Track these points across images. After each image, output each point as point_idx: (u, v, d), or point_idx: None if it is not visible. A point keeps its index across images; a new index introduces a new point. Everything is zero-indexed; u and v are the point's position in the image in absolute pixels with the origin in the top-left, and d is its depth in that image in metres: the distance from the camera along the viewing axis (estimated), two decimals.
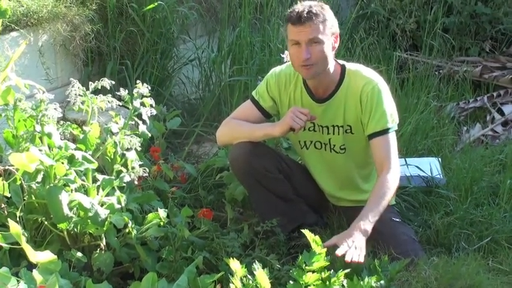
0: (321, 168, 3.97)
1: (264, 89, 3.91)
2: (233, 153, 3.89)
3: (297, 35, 3.58)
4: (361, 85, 3.71)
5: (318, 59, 3.59)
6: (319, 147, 3.89)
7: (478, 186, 4.43)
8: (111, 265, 3.37)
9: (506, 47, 7.36)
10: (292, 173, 3.99)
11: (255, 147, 3.84)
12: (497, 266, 3.68)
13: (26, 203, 3.32)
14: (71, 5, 4.93)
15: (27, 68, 4.62)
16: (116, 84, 3.86)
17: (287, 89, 3.86)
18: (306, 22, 3.54)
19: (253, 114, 3.91)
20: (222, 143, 4.05)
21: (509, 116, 5.98)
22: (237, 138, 3.87)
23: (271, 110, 3.91)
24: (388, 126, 3.66)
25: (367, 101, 3.67)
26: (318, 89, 3.79)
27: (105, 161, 3.73)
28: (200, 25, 6.15)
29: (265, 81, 3.93)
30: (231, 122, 3.94)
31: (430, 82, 6.20)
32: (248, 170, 3.85)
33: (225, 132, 3.94)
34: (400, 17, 7.45)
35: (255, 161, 3.83)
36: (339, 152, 3.84)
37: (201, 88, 5.92)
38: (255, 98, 3.93)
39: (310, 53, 3.56)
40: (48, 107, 3.37)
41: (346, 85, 3.75)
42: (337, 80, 3.76)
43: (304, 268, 3.03)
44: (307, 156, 3.99)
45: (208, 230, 3.80)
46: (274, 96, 3.89)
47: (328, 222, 4.08)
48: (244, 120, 3.89)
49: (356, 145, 3.81)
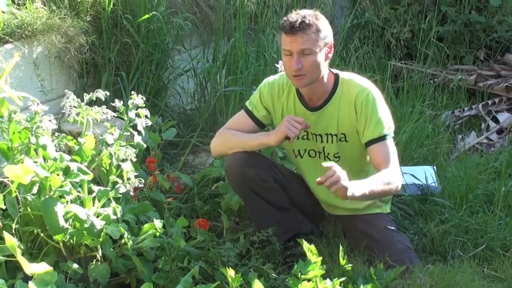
0: (316, 176, 3.94)
1: (258, 99, 3.92)
2: (228, 164, 3.90)
3: (289, 45, 3.58)
4: (354, 93, 3.71)
5: (309, 69, 3.59)
6: (313, 155, 3.90)
7: (473, 194, 4.44)
8: (107, 276, 3.37)
9: (500, 55, 7.37)
10: (287, 182, 3.99)
11: (250, 157, 3.84)
12: (492, 273, 3.69)
13: (21, 215, 3.32)
14: (65, 17, 4.94)
15: (22, 80, 4.62)
16: (111, 95, 3.87)
17: (280, 98, 3.87)
18: (298, 32, 3.54)
19: (247, 124, 3.92)
20: (216, 153, 4.05)
21: (504, 124, 5.99)
22: (231, 148, 3.87)
23: (264, 119, 3.92)
24: (385, 133, 3.66)
25: (361, 109, 3.68)
26: (311, 97, 3.79)
27: (101, 172, 3.73)
28: (195, 36, 6.16)
29: (259, 90, 3.94)
30: (225, 133, 3.94)
31: (424, 91, 6.21)
32: (243, 180, 3.85)
33: (220, 143, 3.94)
34: (395, 26, 7.47)
35: (249, 171, 3.83)
36: (333, 160, 3.84)
37: (196, 98, 5.93)
38: (248, 108, 3.93)
39: (302, 63, 3.57)
40: (43, 118, 3.37)
41: (339, 93, 3.76)
42: (330, 88, 3.77)
43: (300, 277, 3.03)
44: (301, 165, 4.00)
45: (204, 240, 3.80)
46: (267, 106, 3.90)
47: (323, 231, 4.08)
48: (238, 131, 3.90)
49: (350, 153, 3.81)
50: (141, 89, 5.29)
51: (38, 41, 4.77)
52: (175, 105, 5.90)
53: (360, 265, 3.53)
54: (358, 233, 3.87)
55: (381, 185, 3.50)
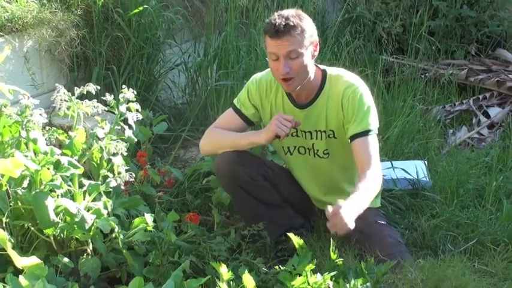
0: (306, 173, 3.97)
1: (246, 97, 3.91)
2: (218, 163, 3.89)
3: (274, 48, 3.56)
4: (342, 89, 3.70)
5: (297, 71, 3.58)
6: (303, 152, 3.90)
7: (464, 188, 4.45)
8: (98, 270, 3.36)
9: (491, 49, 7.38)
10: (277, 179, 3.98)
11: (240, 156, 3.83)
12: (483, 268, 3.69)
13: (12, 208, 3.30)
14: (56, 11, 4.93)
15: (12, 74, 4.61)
16: (102, 89, 3.85)
17: (268, 96, 3.87)
18: (283, 36, 3.52)
19: (236, 122, 3.91)
20: (205, 152, 4.06)
21: (495, 118, 6.00)
22: (221, 148, 3.87)
23: (253, 117, 3.91)
24: (370, 128, 3.65)
25: (348, 104, 3.67)
26: (299, 95, 3.79)
27: (92, 166, 3.72)
28: (186, 30, 6.15)
29: (246, 88, 3.93)
30: (214, 132, 3.93)
31: (416, 85, 6.22)
32: (233, 179, 3.85)
33: (209, 142, 3.94)
34: (386, 21, 7.46)
35: (240, 170, 3.82)
36: (322, 156, 3.85)
37: (187, 93, 5.92)
38: (236, 106, 3.93)
39: (290, 66, 3.55)
40: (34, 112, 3.36)
41: (327, 90, 3.76)
42: (318, 85, 3.76)
43: (292, 271, 3.04)
44: (291, 162, 4.00)
45: (195, 234, 3.80)
46: (255, 104, 3.89)
47: (314, 225, 4.08)
48: (226, 129, 3.89)
49: (339, 150, 3.81)
50: (132, 83, 5.28)
51: (28, 35, 4.76)
52: (166, 99, 5.89)
53: (350, 259, 3.53)
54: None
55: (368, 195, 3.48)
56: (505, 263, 3.72)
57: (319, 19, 7.22)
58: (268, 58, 3.65)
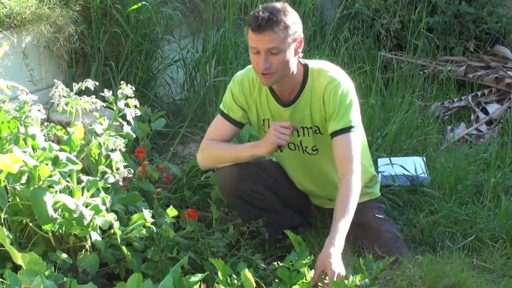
0: (297, 168, 3.93)
1: (231, 99, 3.84)
2: (220, 178, 3.87)
3: (256, 43, 3.48)
4: (324, 85, 3.63)
5: (277, 67, 3.51)
6: (293, 148, 3.86)
7: (463, 184, 4.45)
8: (96, 266, 3.36)
9: (490, 46, 7.36)
10: (277, 184, 3.96)
11: (242, 170, 3.79)
12: (482, 264, 3.70)
13: (10, 204, 3.31)
14: (54, 6, 4.92)
15: (10, 70, 4.61)
16: (100, 85, 3.86)
17: (252, 95, 3.81)
18: (265, 31, 3.43)
19: (227, 129, 3.84)
20: (205, 168, 4.03)
21: (494, 115, 6.00)
22: (221, 162, 3.83)
23: (242, 119, 3.85)
24: (351, 125, 3.57)
25: (329, 100, 3.60)
26: (282, 92, 3.74)
27: (90, 162, 3.72)
28: (184, 26, 6.14)
29: (229, 91, 3.85)
30: (210, 147, 3.85)
31: (414, 82, 6.20)
32: (236, 194, 3.84)
33: (207, 158, 3.88)
34: (385, 17, 7.45)
35: (242, 185, 3.80)
36: (311, 153, 3.81)
37: (185, 89, 5.91)
38: (224, 112, 3.85)
39: (270, 62, 3.47)
40: (32, 108, 3.37)
41: (310, 86, 3.69)
42: (300, 81, 3.69)
43: (290, 267, 3.04)
44: (284, 159, 3.98)
45: (194, 230, 3.80)
46: (242, 105, 3.83)
47: (312, 222, 4.08)
48: (219, 138, 3.83)
49: (327, 145, 3.69)
50: (130, 79, 5.28)
51: (27, 31, 4.76)
52: (164, 95, 5.89)
53: (349, 256, 3.53)
54: None
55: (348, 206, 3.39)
56: (504, 259, 3.73)
57: (318, 15, 7.21)
58: (250, 51, 3.56)
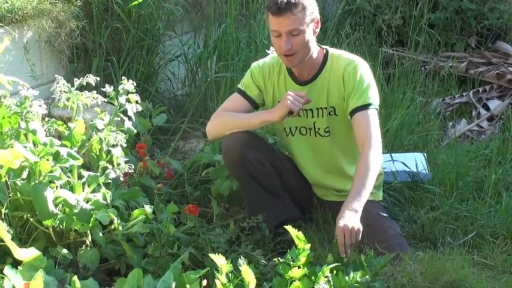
0: (307, 154, 3.98)
1: (249, 79, 3.96)
2: (227, 144, 3.88)
3: (277, 26, 3.63)
4: (343, 65, 3.77)
5: (299, 48, 3.65)
6: (304, 133, 3.93)
7: (464, 181, 4.44)
8: (96, 262, 3.36)
9: (491, 42, 7.37)
10: (283, 167, 4.00)
11: (249, 138, 3.86)
12: (482, 261, 3.69)
13: (11, 200, 3.31)
14: (55, 1, 4.92)
15: (12, 65, 4.60)
16: (101, 80, 3.86)
17: (271, 77, 3.92)
18: (285, 13, 3.58)
19: (242, 104, 3.93)
20: (213, 136, 4.01)
21: (495, 111, 6.00)
22: (230, 129, 3.86)
23: (258, 98, 3.95)
24: (370, 102, 3.70)
25: (349, 79, 3.73)
26: (301, 72, 3.85)
27: (91, 157, 3.72)
28: (186, 21, 6.14)
29: (250, 72, 3.99)
30: (222, 114, 3.95)
31: (415, 78, 6.21)
32: (241, 162, 3.85)
33: (217, 125, 3.93)
34: (386, 13, 7.45)
35: (249, 153, 3.83)
36: (323, 135, 3.88)
37: (187, 84, 5.91)
38: (241, 89, 3.97)
39: (292, 43, 3.62)
40: (33, 103, 3.36)
41: (329, 67, 3.82)
42: (320, 62, 3.84)
43: (290, 263, 3.03)
44: (292, 143, 4.01)
45: (194, 226, 3.80)
46: (259, 85, 3.94)
47: (313, 217, 4.08)
48: (232, 111, 3.92)
49: (340, 127, 3.85)
50: (131, 74, 5.28)
51: (28, 26, 4.75)
52: (165, 90, 5.89)
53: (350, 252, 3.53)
54: None
55: (367, 180, 3.50)
56: (504, 256, 3.72)
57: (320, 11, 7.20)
58: (271, 35, 3.71)
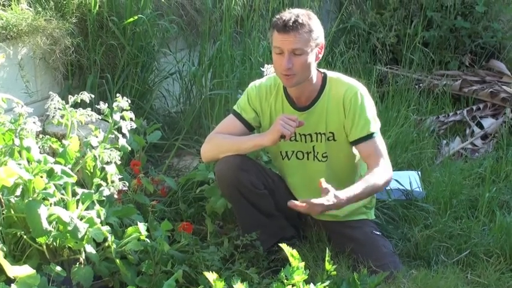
0: (301, 178, 3.95)
1: (246, 101, 3.92)
2: (220, 168, 3.86)
3: (280, 43, 3.60)
4: (342, 91, 3.74)
5: (299, 69, 3.61)
6: (301, 157, 3.90)
7: (457, 199, 4.45)
8: (90, 279, 3.35)
9: (485, 60, 7.38)
10: (276, 188, 3.98)
11: (242, 161, 3.83)
12: (476, 279, 3.70)
13: (4, 217, 3.30)
14: (50, 18, 4.92)
15: (6, 82, 4.60)
16: (96, 97, 3.85)
17: (268, 100, 3.88)
18: (291, 31, 3.56)
19: (236, 127, 3.90)
20: (207, 159, 4.01)
21: (489, 129, 6.01)
22: (224, 152, 3.84)
23: (253, 121, 3.91)
24: (372, 131, 3.71)
25: (350, 106, 3.71)
26: (299, 97, 3.82)
27: (85, 174, 3.72)
28: (181, 38, 6.15)
29: (246, 93, 3.94)
30: (215, 137, 3.92)
31: (410, 96, 6.23)
32: (235, 185, 3.83)
33: (211, 148, 3.91)
34: (381, 31, 7.48)
35: (243, 177, 3.81)
36: (321, 160, 3.87)
37: (181, 101, 5.91)
38: (237, 111, 3.93)
39: (292, 63, 3.59)
40: (27, 120, 3.36)
41: (327, 92, 3.79)
42: (318, 87, 3.80)
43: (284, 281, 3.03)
44: (287, 167, 3.99)
45: (188, 243, 3.80)
46: (255, 108, 3.90)
47: (307, 235, 4.08)
48: (227, 133, 3.89)
49: (338, 153, 3.84)
50: (126, 91, 5.27)
51: (23, 42, 4.75)
52: (160, 108, 5.88)
53: (344, 270, 3.53)
54: (343, 237, 3.87)
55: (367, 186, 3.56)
56: (498, 275, 3.72)
57: None
58: (273, 52, 3.68)
